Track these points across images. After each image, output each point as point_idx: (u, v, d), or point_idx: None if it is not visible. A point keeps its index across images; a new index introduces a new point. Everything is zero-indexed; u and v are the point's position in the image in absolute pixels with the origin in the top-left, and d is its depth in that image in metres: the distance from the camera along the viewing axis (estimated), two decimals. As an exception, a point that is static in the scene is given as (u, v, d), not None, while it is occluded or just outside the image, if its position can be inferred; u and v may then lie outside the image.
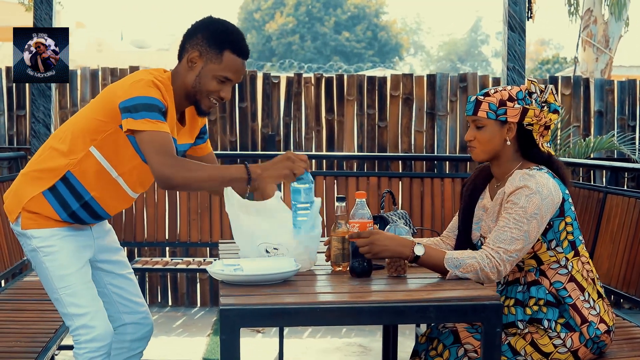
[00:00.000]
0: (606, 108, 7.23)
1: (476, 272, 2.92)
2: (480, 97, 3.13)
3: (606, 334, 3.06)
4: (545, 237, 3.05)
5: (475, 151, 3.16)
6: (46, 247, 3.15)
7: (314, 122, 7.06)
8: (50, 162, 3.15)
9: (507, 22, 5.52)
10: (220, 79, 3.11)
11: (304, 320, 2.80)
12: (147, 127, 2.94)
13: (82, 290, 3.15)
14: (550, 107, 3.12)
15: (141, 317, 3.47)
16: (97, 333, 3.10)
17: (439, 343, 3.22)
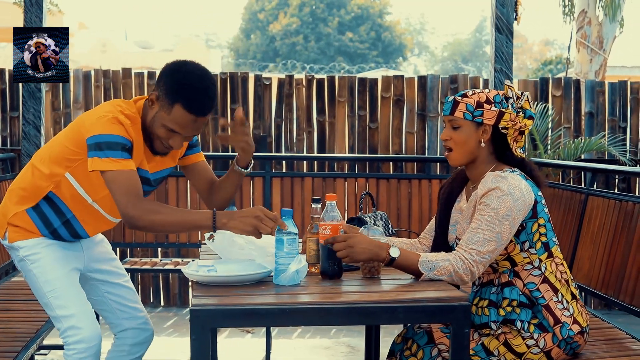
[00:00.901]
0: (597, 109, 7.24)
1: (450, 275, 2.95)
2: (458, 98, 3.16)
3: (579, 335, 3.08)
4: (519, 239, 3.08)
5: (452, 155, 3.19)
6: (32, 255, 3.24)
7: (306, 124, 7.09)
8: (33, 182, 3.24)
9: (495, 24, 5.54)
10: (168, 129, 3.09)
11: (274, 320, 2.81)
12: (111, 167, 2.99)
13: (68, 292, 3.21)
14: (525, 113, 3.15)
15: (141, 322, 3.52)
16: (84, 335, 3.14)
17: (414, 343, 3.25)
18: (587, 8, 9.31)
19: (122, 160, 3.00)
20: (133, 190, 2.99)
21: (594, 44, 9.25)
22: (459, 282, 2.99)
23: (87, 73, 7.11)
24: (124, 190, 2.98)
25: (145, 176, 3.22)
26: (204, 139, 6.96)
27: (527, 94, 3.21)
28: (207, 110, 3.08)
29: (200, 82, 3.06)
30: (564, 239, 4.48)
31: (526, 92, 3.21)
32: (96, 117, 3.04)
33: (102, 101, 7.09)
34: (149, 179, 3.24)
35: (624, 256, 3.84)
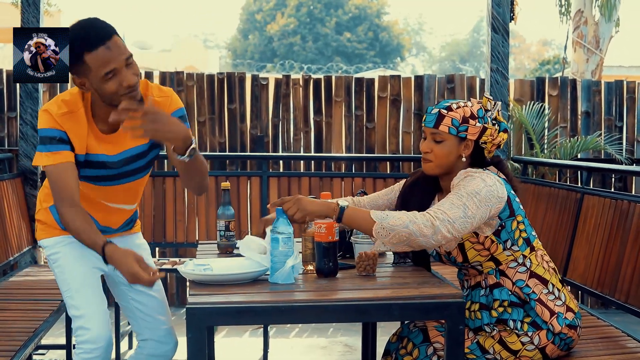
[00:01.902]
0: (593, 109, 7.26)
1: (406, 225, 2.87)
2: (443, 111, 3.13)
3: (573, 330, 3.10)
4: (500, 238, 3.09)
5: (430, 165, 3.17)
6: (53, 255, 3.34)
7: (303, 124, 7.10)
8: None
9: (491, 24, 5.56)
10: (107, 78, 2.99)
11: (270, 318, 2.84)
12: (44, 162, 3.09)
13: (81, 293, 3.23)
14: (500, 126, 3.17)
15: (162, 335, 3.49)
16: (91, 335, 3.14)
17: (409, 342, 3.26)
18: (583, 8, 9.34)
19: (53, 154, 3.06)
20: (65, 189, 3.06)
21: (590, 43, 9.27)
22: (417, 236, 2.88)
23: (84, 73, 7.11)
24: (56, 190, 3.08)
25: (101, 160, 3.19)
26: (201, 139, 6.97)
27: (499, 104, 3.21)
28: (103, 33, 2.99)
29: (78, 26, 3.07)
30: (560, 238, 4.50)
31: (498, 102, 3.22)
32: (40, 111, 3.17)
33: (99, 101, 7.09)
34: (104, 162, 3.20)
35: (620, 255, 3.86)
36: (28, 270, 5.17)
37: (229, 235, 3.62)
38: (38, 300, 4.31)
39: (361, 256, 3.10)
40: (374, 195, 3.56)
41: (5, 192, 5.06)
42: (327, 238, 3.02)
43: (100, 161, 3.20)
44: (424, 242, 2.90)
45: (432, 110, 3.17)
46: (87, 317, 3.17)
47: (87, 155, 3.16)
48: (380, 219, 2.90)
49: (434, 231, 2.88)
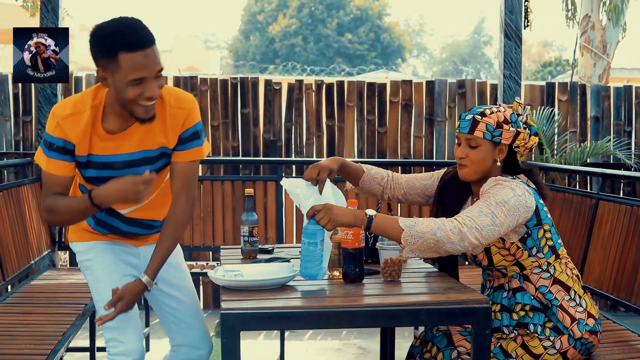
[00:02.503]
0: (602, 114, 7.33)
1: (433, 232, 2.93)
2: (478, 117, 3.20)
3: (593, 335, 3.18)
4: (526, 245, 3.16)
5: (466, 170, 3.23)
6: (85, 261, 3.31)
7: (315, 128, 7.18)
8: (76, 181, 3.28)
9: (504, 31, 5.62)
10: (133, 83, 2.90)
11: (302, 323, 2.91)
12: (40, 163, 3.10)
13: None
14: (531, 130, 3.25)
15: (195, 339, 3.44)
16: (125, 348, 3.13)
17: (433, 346, 3.33)
18: (590, 13, 9.40)
19: (49, 161, 3.06)
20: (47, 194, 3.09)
21: (597, 48, 9.33)
22: (444, 243, 2.94)
23: (99, 78, 7.17)
24: (44, 187, 3.12)
25: (105, 160, 3.12)
26: (214, 144, 7.04)
27: (528, 108, 3.29)
28: (146, 39, 2.92)
29: (121, 23, 2.95)
30: (574, 243, 4.56)
31: (528, 107, 3.29)
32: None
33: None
34: (107, 162, 3.13)
35: (636, 260, 3.92)
36: (47, 273, 5.23)
37: (252, 240, 3.69)
38: (62, 303, 4.37)
39: (387, 262, 3.18)
40: (412, 176, 3.61)
41: (25, 196, 5.13)
42: (354, 244, 3.10)
43: (103, 162, 3.12)
44: (452, 248, 2.96)
45: (466, 117, 3.23)
46: (120, 330, 3.15)
47: (89, 155, 3.09)
48: (408, 227, 2.96)
49: (461, 238, 2.94)
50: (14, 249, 4.72)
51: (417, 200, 3.58)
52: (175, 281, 3.44)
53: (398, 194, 3.58)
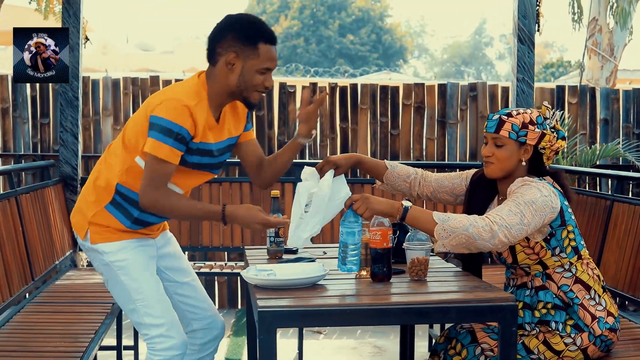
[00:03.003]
0: (612, 116, 7.44)
1: (466, 228, 3.04)
2: (504, 117, 3.32)
3: (613, 333, 3.28)
4: (549, 245, 3.26)
5: (492, 167, 3.35)
6: (118, 261, 3.34)
7: (329, 130, 7.28)
8: (103, 177, 3.37)
9: (517, 35, 5.72)
10: (262, 71, 3.24)
11: (335, 320, 3.01)
12: (159, 154, 3.14)
13: (157, 301, 3.34)
14: (559, 134, 3.36)
15: (209, 321, 3.65)
16: (174, 342, 3.31)
17: (457, 342, 3.43)
18: (597, 16, 9.52)
19: (172, 151, 3.15)
20: (162, 181, 3.18)
21: (604, 51, 9.44)
22: (476, 239, 3.04)
23: (115, 81, 7.30)
24: (154, 179, 3.17)
25: (209, 148, 3.30)
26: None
27: (557, 113, 3.40)
28: (275, 37, 3.28)
29: (257, 18, 3.29)
30: (590, 243, 4.65)
31: (557, 112, 3.41)
32: (166, 98, 3.18)
33: (130, 108, 7.28)
34: (211, 149, 3.32)
35: (652, 260, 4.03)
36: (70, 274, 5.32)
37: (278, 241, 3.79)
38: (90, 303, 4.48)
39: (414, 261, 3.28)
40: (442, 175, 3.76)
41: (49, 197, 5.24)
42: (382, 245, 3.20)
43: (207, 149, 3.31)
44: (482, 245, 3.06)
45: (494, 117, 3.36)
46: (168, 326, 3.31)
47: (201, 143, 3.27)
48: (442, 221, 3.07)
49: (492, 235, 3.04)
50: (40, 250, 4.83)
51: (445, 199, 3.69)
52: (186, 268, 3.67)
53: (427, 192, 3.72)
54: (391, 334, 6.38)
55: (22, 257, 4.46)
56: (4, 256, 4.15)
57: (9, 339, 3.81)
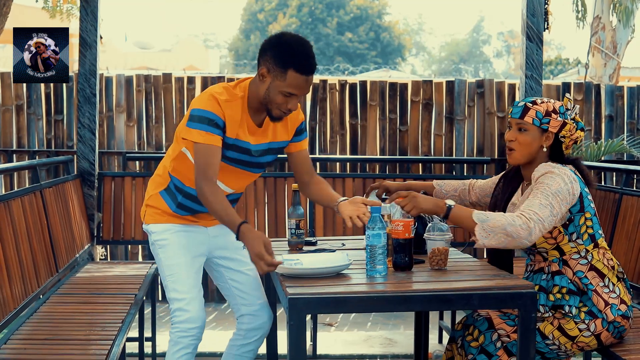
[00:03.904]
0: (616, 112, 7.56)
1: (504, 227, 3.20)
2: (529, 104, 3.50)
3: (626, 320, 3.40)
4: (567, 230, 3.40)
5: (514, 154, 3.52)
6: (160, 240, 3.70)
7: (339, 126, 7.39)
8: (161, 167, 3.78)
9: (526, 33, 5.84)
10: (285, 94, 3.44)
11: (363, 307, 3.12)
12: (197, 139, 3.43)
13: (184, 278, 3.61)
14: (578, 125, 3.51)
15: (256, 309, 3.86)
16: (190, 316, 3.55)
17: (475, 329, 3.56)
18: (601, 14, 9.64)
19: (207, 134, 3.41)
20: (209, 167, 3.41)
21: (608, 48, 9.57)
22: (514, 238, 3.20)
23: (129, 78, 7.41)
24: (201, 165, 3.42)
25: (246, 146, 3.57)
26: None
27: (577, 107, 3.55)
28: (314, 69, 3.46)
29: (302, 46, 3.44)
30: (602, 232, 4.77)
31: (577, 105, 3.56)
32: (200, 94, 3.52)
33: (143, 105, 7.40)
34: (249, 149, 3.58)
35: (661, 251, 4.15)
36: (88, 267, 5.43)
37: (299, 233, 3.92)
38: (114, 294, 4.60)
39: (434, 251, 3.40)
40: (485, 181, 3.96)
41: (69, 192, 5.35)
42: (404, 235, 3.33)
43: (246, 147, 3.57)
44: (520, 243, 3.23)
45: (519, 104, 3.53)
46: (187, 300, 3.57)
47: (236, 140, 3.53)
48: (481, 221, 3.23)
49: (529, 232, 3.20)
50: (63, 243, 4.95)
51: (488, 202, 3.85)
52: (236, 257, 3.86)
53: (474, 199, 3.94)
54: (401, 326, 6.51)
55: (47, 250, 4.58)
56: (32, 248, 4.28)
57: (38, 328, 3.93)
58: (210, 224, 3.79)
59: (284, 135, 3.73)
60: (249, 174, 3.72)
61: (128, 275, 5.13)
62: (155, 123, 7.40)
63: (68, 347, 3.62)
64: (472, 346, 3.54)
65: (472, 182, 3.98)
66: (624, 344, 3.47)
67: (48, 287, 4.59)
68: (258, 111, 3.59)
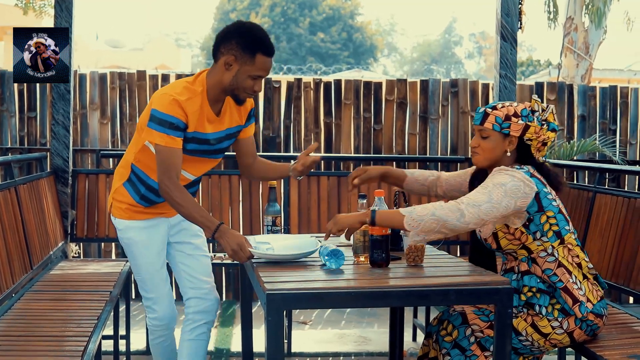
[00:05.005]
0: (589, 112, 7.63)
1: (432, 213, 3.22)
2: (489, 110, 3.50)
3: (599, 318, 3.43)
4: (529, 230, 3.41)
5: (478, 157, 3.54)
6: (125, 239, 3.91)
7: (313, 125, 7.41)
8: (125, 158, 3.91)
9: (500, 32, 5.87)
10: (254, 77, 3.62)
11: (341, 302, 3.15)
12: (159, 141, 3.58)
13: (150, 278, 3.90)
14: (549, 126, 3.50)
15: (203, 292, 3.98)
16: (157, 315, 3.93)
17: (449, 324, 3.59)
18: (573, 15, 9.71)
19: (168, 137, 3.56)
20: (171, 168, 3.58)
21: (580, 49, 9.64)
22: (445, 220, 3.22)
23: (103, 75, 7.38)
24: (163, 166, 3.58)
25: (205, 137, 3.71)
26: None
27: (551, 107, 3.55)
28: (274, 50, 3.65)
29: (262, 31, 3.64)
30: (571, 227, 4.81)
31: (551, 106, 3.56)
32: (161, 94, 3.64)
33: (117, 103, 7.38)
34: (207, 139, 3.73)
35: (634, 249, 4.18)
36: (62, 264, 5.39)
37: (275, 229, 3.93)
38: (89, 291, 4.57)
39: (410, 248, 3.42)
40: (451, 174, 3.96)
41: (43, 189, 5.32)
42: (381, 232, 3.34)
43: (205, 138, 3.72)
44: (453, 225, 3.23)
45: (480, 110, 3.54)
46: (154, 300, 3.92)
47: (194, 132, 3.67)
48: (408, 212, 3.25)
49: (460, 214, 3.22)
50: (37, 240, 4.91)
51: (455, 196, 3.85)
52: (199, 245, 4.06)
53: (440, 191, 3.94)
54: (375, 324, 6.52)
55: (22, 247, 4.55)
56: (6, 245, 4.25)
57: (13, 325, 3.89)
58: (173, 213, 3.92)
59: (238, 120, 3.88)
60: (209, 160, 3.86)
61: (102, 272, 5.10)
62: (129, 120, 7.37)
63: (43, 343, 3.59)
64: (446, 341, 3.56)
65: (440, 174, 3.97)
66: (598, 341, 3.51)
67: (22, 284, 4.55)
68: (217, 101, 3.74)
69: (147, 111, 3.68)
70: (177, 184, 3.59)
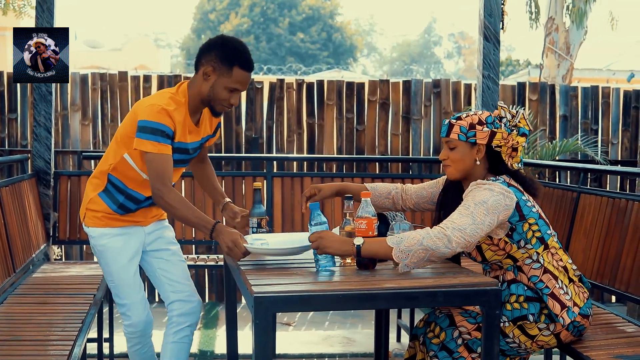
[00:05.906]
0: (570, 112, 7.66)
1: (420, 243, 3.14)
2: (453, 121, 3.47)
3: (585, 319, 3.43)
4: (513, 239, 3.38)
5: (450, 169, 3.50)
6: (98, 246, 3.93)
7: (296, 126, 7.40)
8: (99, 169, 3.94)
9: (483, 33, 5.87)
10: (230, 89, 3.70)
11: (329, 305, 3.12)
12: (150, 149, 3.62)
13: (123, 285, 3.93)
14: (519, 131, 3.46)
15: (185, 295, 4.03)
16: (132, 322, 3.97)
17: (436, 326, 3.58)
18: (554, 15, 9.74)
19: (160, 145, 3.62)
20: (164, 174, 3.63)
21: (561, 49, 9.67)
22: (434, 249, 3.14)
23: (84, 76, 7.34)
24: (157, 173, 3.63)
25: (185, 147, 3.80)
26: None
27: (521, 111, 3.53)
28: (253, 65, 3.73)
29: (243, 46, 3.72)
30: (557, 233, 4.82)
31: (521, 110, 3.54)
32: (148, 104, 3.68)
33: (98, 104, 7.34)
34: (187, 148, 3.82)
35: (619, 248, 4.19)
36: (44, 267, 5.35)
37: (261, 231, 3.91)
38: (72, 294, 4.54)
39: (397, 250, 3.40)
40: (420, 185, 3.88)
41: (25, 191, 5.28)
42: (368, 233, 3.32)
43: (185, 148, 3.81)
44: (442, 253, 3.17)
45: (445, 122, 3.51)
46: (128, 306, 3.95)
47: (179, 143, 3.75)
48: (396, 244, 3.17)
49: (448, 240, 3.15)
50: (20, 242, 4.87)
51: (428, 208, 3.84)
52: (175, 251, 4.13)
53: (409, 204, 3.86)
54: (359, 325, 6.52)
55: (4, 250, 4.51)
56: (-11, 247, 4.21)
57: (-4, 329, 3.86)
58: (148, 222, 4.02)
59: (209, 130, 3.99)
60: (182, 168, 3.99)
61: (85, 275, 5.07)
62: (111, 122, 7.34)
63: (28, 347, 3.55)
64: (434, 343, 3.55)
65: (404, 187, 3.88)
66: (584, 341, 3.52)
67: (4, 288, 4.51)
68: (196, 111, 3.82)
69: (131, 122, 3.72)
70: (171, 188, 3.63)
